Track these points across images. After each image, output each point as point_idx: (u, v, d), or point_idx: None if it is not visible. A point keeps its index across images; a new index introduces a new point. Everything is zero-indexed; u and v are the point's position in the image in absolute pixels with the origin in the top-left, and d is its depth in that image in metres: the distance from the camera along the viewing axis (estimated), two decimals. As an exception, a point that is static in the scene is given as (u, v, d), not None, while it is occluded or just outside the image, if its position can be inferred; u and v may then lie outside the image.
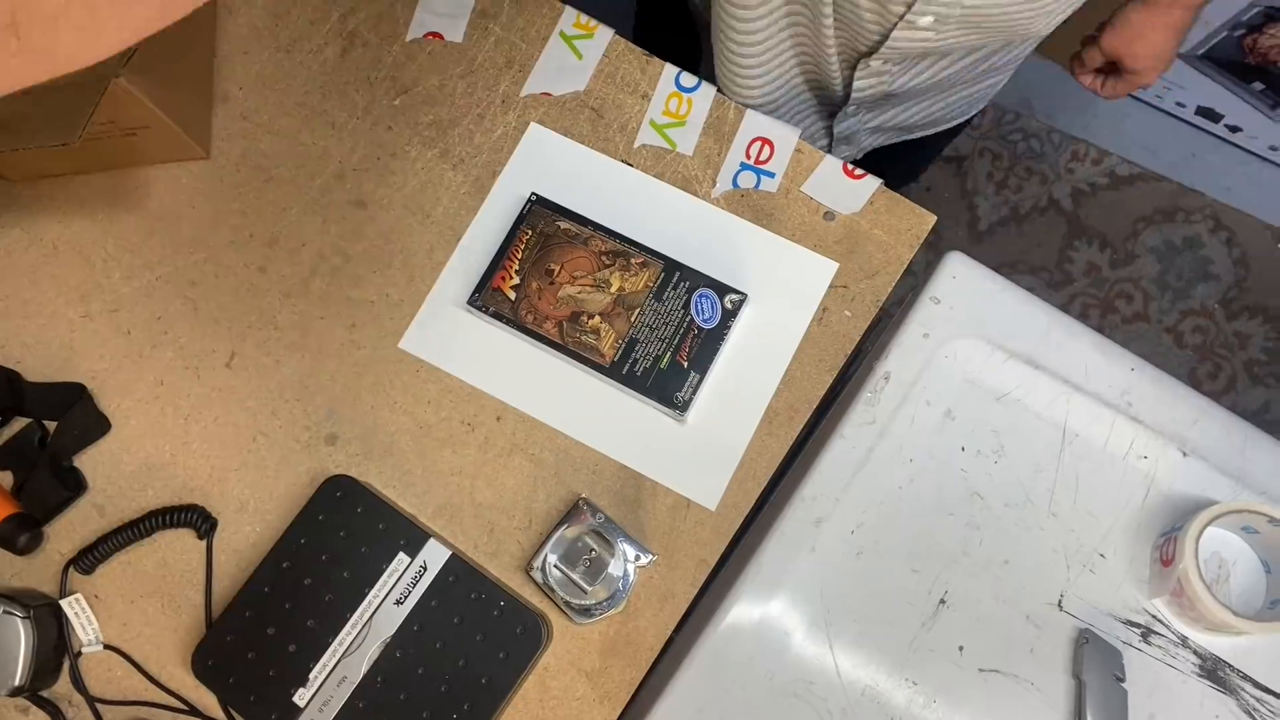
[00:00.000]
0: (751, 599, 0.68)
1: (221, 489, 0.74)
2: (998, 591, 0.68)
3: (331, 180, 0.80)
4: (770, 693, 0.67)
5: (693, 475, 0.73)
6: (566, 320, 0.73)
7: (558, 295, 0.74)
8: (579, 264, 0.74)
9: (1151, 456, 0.70)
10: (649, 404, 0.72)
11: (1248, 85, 1.68)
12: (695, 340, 0.72)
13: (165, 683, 0.71)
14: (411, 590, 0.68)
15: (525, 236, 0.75)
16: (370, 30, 0.84)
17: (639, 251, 0.74)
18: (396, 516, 0.70)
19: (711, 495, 0.72)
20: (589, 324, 0.73)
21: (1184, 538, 0.64)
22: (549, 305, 0.73)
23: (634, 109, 0.81)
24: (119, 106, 0.72)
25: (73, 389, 0.76)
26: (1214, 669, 0.66)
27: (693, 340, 0.72)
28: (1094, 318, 1.75)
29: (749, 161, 0.79)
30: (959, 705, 0.66)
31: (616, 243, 0.75)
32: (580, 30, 0.83)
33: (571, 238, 0.75)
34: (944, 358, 0.72)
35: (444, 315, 0.77)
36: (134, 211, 0.81)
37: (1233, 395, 1.71)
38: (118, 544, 0.72)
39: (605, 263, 0.74)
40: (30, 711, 0.71)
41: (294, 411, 0.76)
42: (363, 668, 0.67)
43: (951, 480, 0.71)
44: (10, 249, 0.80)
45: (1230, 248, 1.78)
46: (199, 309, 0.78)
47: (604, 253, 0.74)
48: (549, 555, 0.69)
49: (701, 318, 0.73)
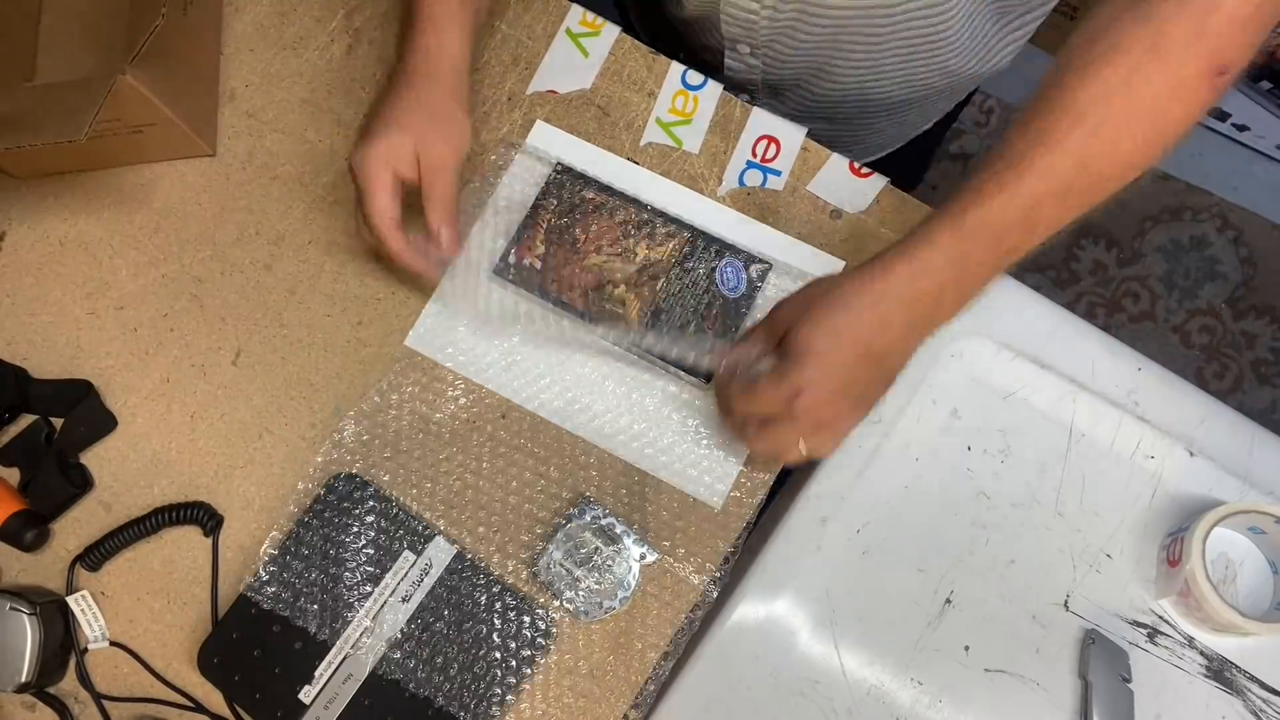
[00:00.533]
0: (757, 597, 0.68)
1: (227, 486, 0.74)
2: (1003, 591, 0.68)
3: (338, 178, 0.80)
4: (775, 691, 0.67)
5: (699, 474, 0.72)
6: (592, 289, 0.74)
7: (584, 264, 0.74)
8: (604, 233, 0.75)
9: (1158, 456, 0.70)
10: (673, 374, 0.73)
11: (1255, 84, 1.67)
12: (721, 309, 0.73)
13: (171, 680, 0.71)
14: (417, 588, 0.68)
15: (551, 205, 0.76)
16: (376, 28, 0.84)
17: (664, 221, 0.75)
18: (402, 514, 0.70)
19: (717, 494, 0.72)
20: (614, 293, 0.73)
21: (1191, 538, 0.64)
22: (575, 274, 0.74)
23: (640, 107, 0.81)
24: (125, 104, 0.72)
25: (79, 386, 0.76)
26: (1220, 670, 0.66)
27: (719, 309, 0.73)
28: (1100, 317, 1.74)
29: (755, 160, 0.79)
30: (964, 705, 0.66)
31: (642, 212, 0.75)
32: (586, 28, 0.83)
33: (597, 207, 0.75)
34: (950, 356, 0.72)
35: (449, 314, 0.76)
36: (140, 209, 0.81)
37: (1240, 395, 1.71)
38: (124, 541, 0.72)
39: (630, 232, 0.75)
40: (36, 708, 0.71)
41: (300, 409, 0.76)
42: (368, 665, 0.67)
43: (957, 479, 0.70)
44: (16, 246, 0.80)
45: (1238, 247, 1.77)
46: (205, 306, 0.78)
47: (629, 222, 0.75)
48: (554, 553, 0.69)
49: (727, 287, 0.73)
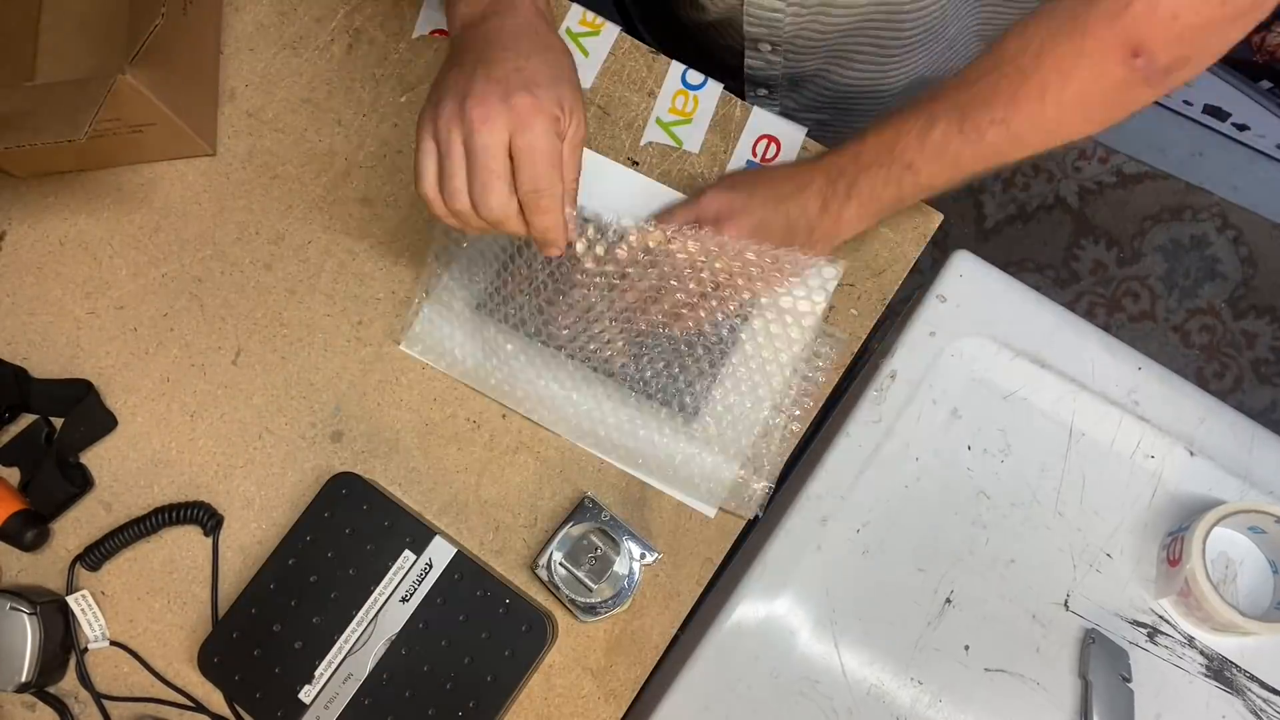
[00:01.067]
0: (757, 597, 0.68)
1: (227, 486, 0.74)
2: (1004, 591, 0.68)
3: (338, 177, 0.80)
4: (775, 691, 0.67)
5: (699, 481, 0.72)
6: (576, 323, 0.72)
7: (568, 298, 0.72)
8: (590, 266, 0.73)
9: (1158, 456, 0.70)
10: (659, 407, 0.72)
11: (1255, 83, 1.67)
12: (703, 343, 0.71)
13: (171, 679, 0.71)
14: (417, 588, 0.68)
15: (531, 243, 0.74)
16: (376, 27, 0.84)
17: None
18: (402, 514, 0.70)
19: (712, 501, 0.72)
20: (597, 330, 0.72)
21: (1191, 537, 0.64)
22: (559, 309, 0.72)
23: (640, 106, 0.81)
24: (125, 103, 0.72)
25: (79, 385, 0.76)
26: (1220, 669, 0.66)
27: (701, 343, 0.71)
28: (1101, 316, 1.74)
29: (755, 159, 0.79)
30: (964, 704, 0.66)
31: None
32: (586, 27, 0.83)
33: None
34: (950, 356, 0.72)
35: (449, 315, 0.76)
36: (140, 208, 0.81)
37: (1239, 394, 1.71)
38: (124, 540, 0.72)
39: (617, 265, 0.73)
40: (37, 708, 0.71)
41: (300, 408, 0.76)
42: (368, 665, 0.67)
43: (958, 479, 0.70)
44: (17, 245, 0.80)
45: (1238, 246, 1.77)
46: (205, 306, 0.78)
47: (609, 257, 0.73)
48: (554, 553, 0.69)
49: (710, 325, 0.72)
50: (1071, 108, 0.61)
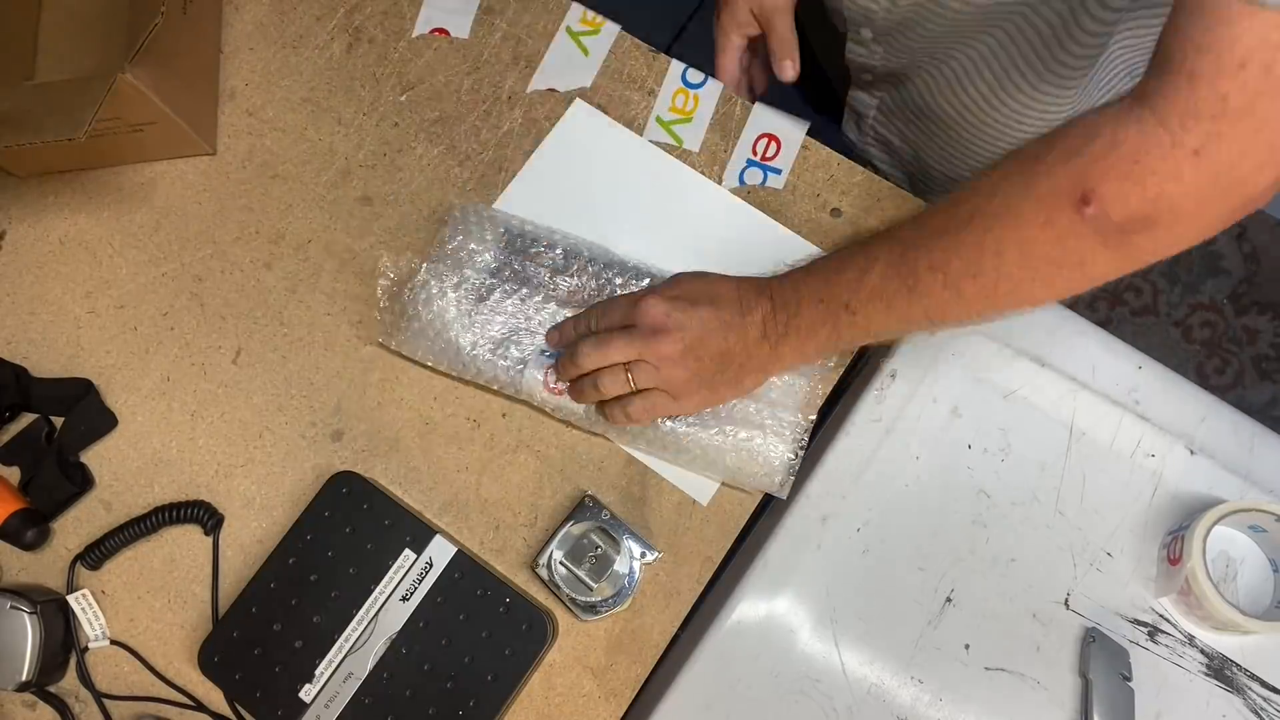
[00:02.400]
0: (757, 596, 0.68)
1: (228, 485, 0.74)
2: (1004, 590, 0.68)
3: (338, 177, 0.80)
4: (776, 690, 0.67)
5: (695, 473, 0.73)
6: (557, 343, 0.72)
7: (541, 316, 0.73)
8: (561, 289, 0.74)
9: (1159, 454, 0.70)
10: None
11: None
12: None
13: (172, 678, 0.71)
14: (417, 587, 0.68)
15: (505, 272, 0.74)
16: (376, 26, 0.84)
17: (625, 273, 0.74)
18: (402, 513, 0.70)
19: (703, 491, 0.72)
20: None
21: (1191, 536, 0.64)
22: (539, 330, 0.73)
23: (640, 105, 0.80)
24: (125, 102, 0.72)
25: (79, 384, 0.76)
26: (1221, 668, 0.66)
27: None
28: (1102, 310, 1.74)
29: (755, 158, 0.78)
30: (965, 703, 0.66)
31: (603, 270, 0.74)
32: (587, 26, 0.82)
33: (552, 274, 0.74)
34: (951, 355, 0.72)
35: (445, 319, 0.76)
36: (140, 207, 0.81)
37: (1240, 390, 1.70)
38: (124, 540, 0.72)
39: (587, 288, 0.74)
40: (37, 707, 0.71)
41: (300, 407, 0.76)
42: (368, 664, 0.67)
43: (958, 478, 0.70)
44: (17, 244, 0.80)
45: (1240, 243, 1.77)
46: (205, 305, 0.78)
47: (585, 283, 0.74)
48: (554, 552, 0.69)
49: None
50: (1013, 259, 0.53)
